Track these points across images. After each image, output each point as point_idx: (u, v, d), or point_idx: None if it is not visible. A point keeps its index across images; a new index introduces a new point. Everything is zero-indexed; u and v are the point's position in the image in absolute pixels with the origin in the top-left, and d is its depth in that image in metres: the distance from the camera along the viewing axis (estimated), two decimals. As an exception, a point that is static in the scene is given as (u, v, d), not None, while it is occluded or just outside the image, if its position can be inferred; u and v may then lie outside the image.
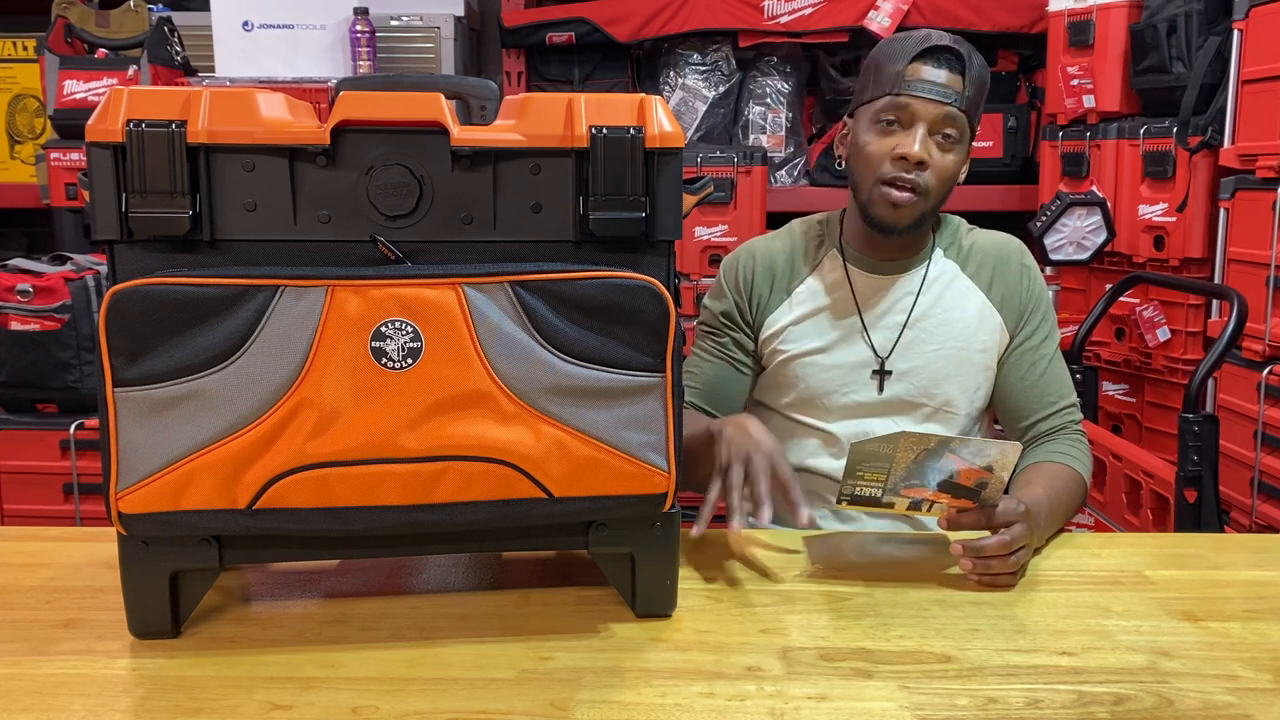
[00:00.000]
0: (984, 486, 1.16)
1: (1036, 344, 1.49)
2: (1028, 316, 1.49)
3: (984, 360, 1.47)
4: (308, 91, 2.89)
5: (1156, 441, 2.64)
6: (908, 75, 1.37)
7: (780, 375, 1.50)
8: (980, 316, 1.47)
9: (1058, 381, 1.49)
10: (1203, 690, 0.95)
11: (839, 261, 1.50)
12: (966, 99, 1.38)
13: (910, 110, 1.37)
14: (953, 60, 1.38)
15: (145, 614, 1.02)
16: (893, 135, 1.38)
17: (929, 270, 1.48)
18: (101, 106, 0.94)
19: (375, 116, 0.96)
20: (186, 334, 0.92)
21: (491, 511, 0.98)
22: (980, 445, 1.14)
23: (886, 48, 1.42)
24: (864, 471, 1.16)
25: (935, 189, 1.39)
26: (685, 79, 3.15)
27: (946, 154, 1.39)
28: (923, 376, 1.46)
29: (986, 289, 1.48)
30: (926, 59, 1.37)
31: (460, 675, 0.96)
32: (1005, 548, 1.15)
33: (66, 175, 2.91)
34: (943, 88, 1.36)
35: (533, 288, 0.96)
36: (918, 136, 1.36)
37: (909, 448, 1.14)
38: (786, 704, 0.92)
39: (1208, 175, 2.48)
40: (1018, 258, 1.51)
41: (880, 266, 1.48)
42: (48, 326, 2.54)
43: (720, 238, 2.93)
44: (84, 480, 2.60)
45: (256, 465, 0.94)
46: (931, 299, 1.47)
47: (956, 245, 1.51)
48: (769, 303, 1.51)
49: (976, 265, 1.49)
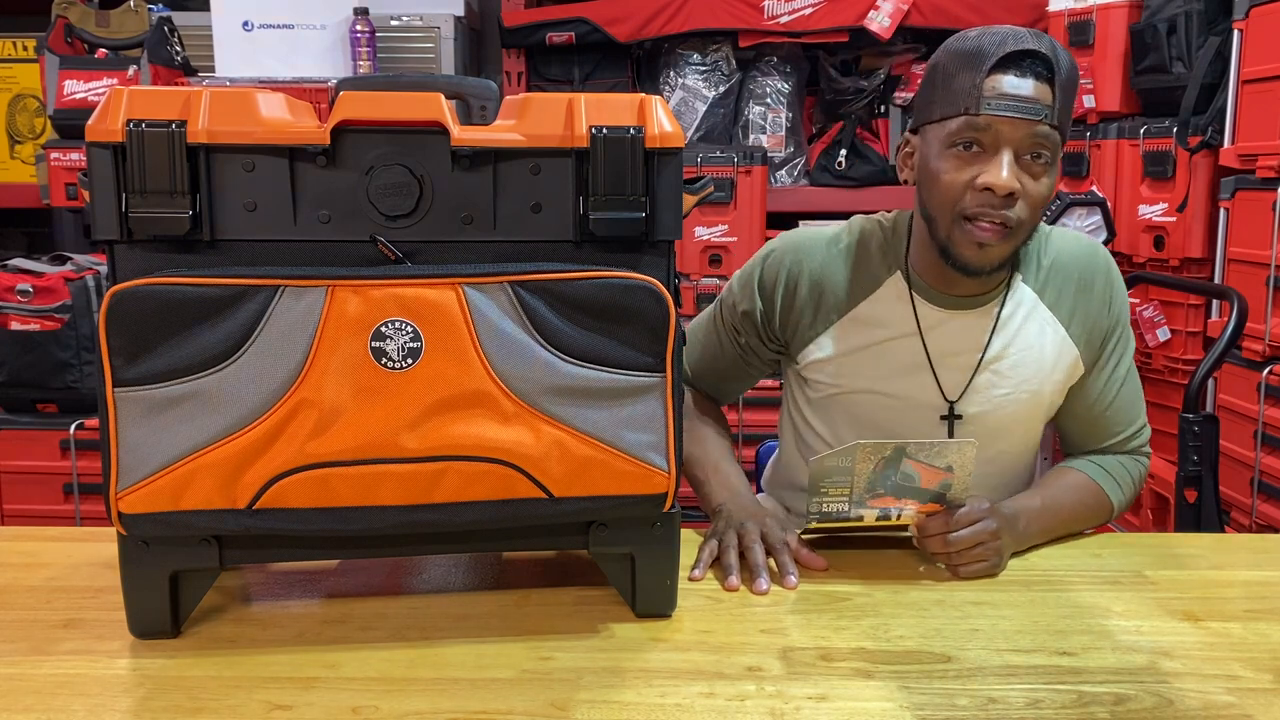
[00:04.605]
0: (948, 488, 1.17)
1: (1109, 371, 1.35)
2: (1106, 344, 1.34)
3: (1053, 400, 1.35)
4: (308, 91, 2.89)
5: (1156, 441, 2.62)
6: (986, 90, 1.15)
7: (831, 409, 1.37)
8: (1058, 355, 1.32)
9: (1128, 407, 1.37)
10: (1203, 690, 0.95)
11: (904, 289, 1.31)
12: (1058, 111, 1.16)
13: (993, 132, 1.16)
14: (1039, 66, 1.16)
15: (145, 614, 1.02)
16: (973, 163, 1.18)
17: (1005, 303, 1.30)
18: (101, 106, 0.94)
19: (375, 116, 0.96)
20: (186, 334, 0.92)
21: (491, 511, 0.98)
22: (938, 447, 1.14)
23: (957, 52, 1.19)
24: (827, 488, 1.17)
25: (1028, 220, 1.19)
26: (685, 79, 3.15)
27: (1039, 179, 1.18)
28: (989, 423, 1.32)
29: (1067, 322, 1.32)
30: (1008, 68, 1.16)
31: (460, 675, 0.96)
32: (966, 543, 1.16)
33: (66, 175, 2.91)
34: (1030, 103, 1.15)
35: (533, 288, 0.96)
36: (1005, 163, 1.16)
37: (866, 458, 1.14)
38: (786, 704, 0.92)
39: (1208, 175, 2.48)
40: (1103, 278, 1.33)
41: (953, 301, 1.30)
42: (48, 326, 2.54)
43: (720, 238, 2.93)
44: (84, 480, 2.60)
45: (256, 465, 0.94)
46: (1006, 338, 1.30)
47: (1036, 265, 1.32)
48: (813, 325, 1.33)
49: (1057, 292, 1.32)
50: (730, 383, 1.48)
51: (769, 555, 1.19)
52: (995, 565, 1.19)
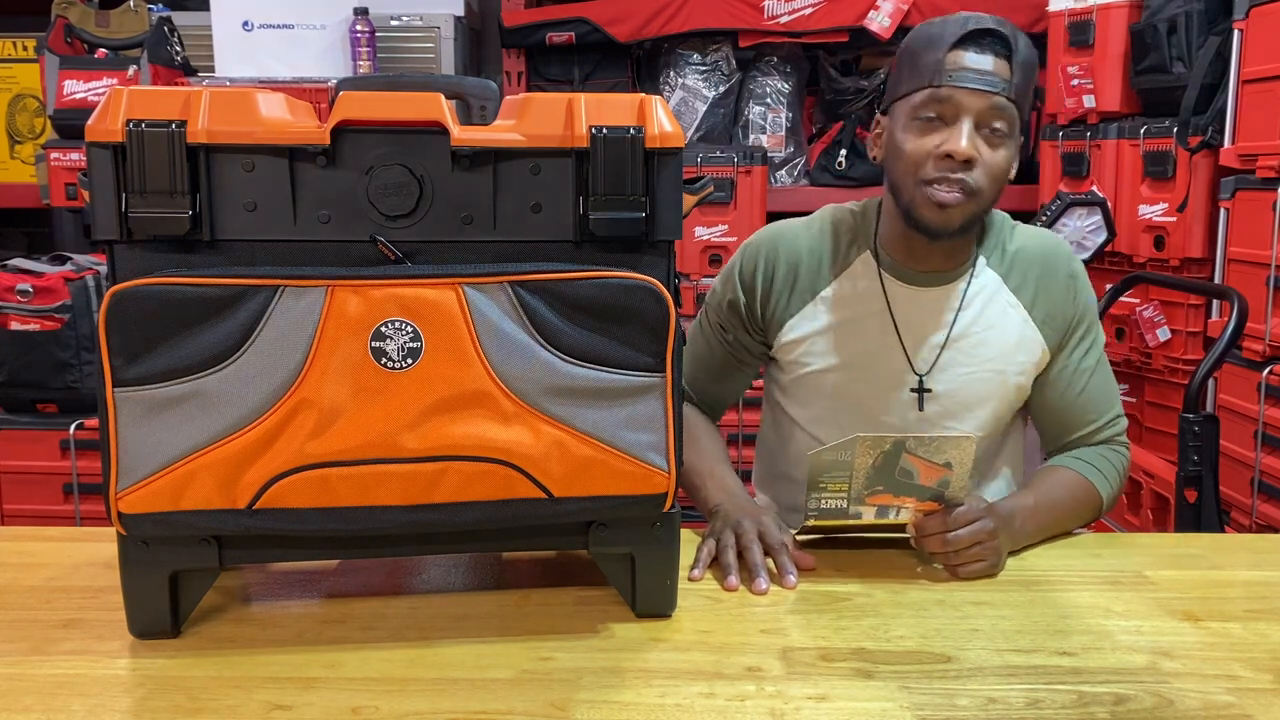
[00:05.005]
0: (946, 485, 1.16)
1: (1078, 361, 1.40)
2: (1071, 333, 1.40)
3: (1019, 382, 1.39)
4: (308, 91, 2.89)
5: (1157, 441, 2.64)
6: (948, 64, 1.25)
7: (804, 388, 1.42)
8: (1020, 336, 1.38)
9: (1100, 397, 1.41)
10: (1203, 690, 0.95)
11: (873, 267, 1.38)
12: (1015, 86, 1.26)
13: (954, 103, 1.25)
14: (997, 44, 1.26)
15: (145, 614, 1.02)
16: (935, 132, 1.27)
17: (970, 283, 1.37)
18: (101, 106, 0.94)
19: (375, 116, 0.96)
20: (186, 334, 0.92)
21: (491, 512, 0.98)
22: (937, 441, 1.14)
23: (922, 34, 1.30)
24: (826, 483, 1.16)
25: (987, 189, 1.27)
26: (685, 79, 3.15)
27: (997, 149, 1.27)
28: (956, 400, 1.37)
29: (1029, 305, 1.38)
30: (968, 44, 1.25)
31: (460, 675, 0.96)
32: (964, 542, 1.17)
33: (66, 175, 2.91)
34: (989, 75, 1.25)
35: (533, 288, 0.96)
36: (964, 131, 1.25)
37: (865, 451, 1.13)
38: (786, 704, 0.92)
39: (1208, 175, 2.48)
40: (1065, 268, 1.40)
41: (920, 278, 1.37)
42: (48, 326, 2.54)
43: (720, 238, 2.93)
44: (84, 480, 2.60)
45: (256, 465, 0.94)
46: (971, 316, 1.37)
47: (1000, 251, 1.39)
48: (788, 307, 1.40)
49: (1020, 277, 1.38)
50: (723, 384, 1.50)
51: (767, 555, 1.19)
52: (994, 565, 1.19)
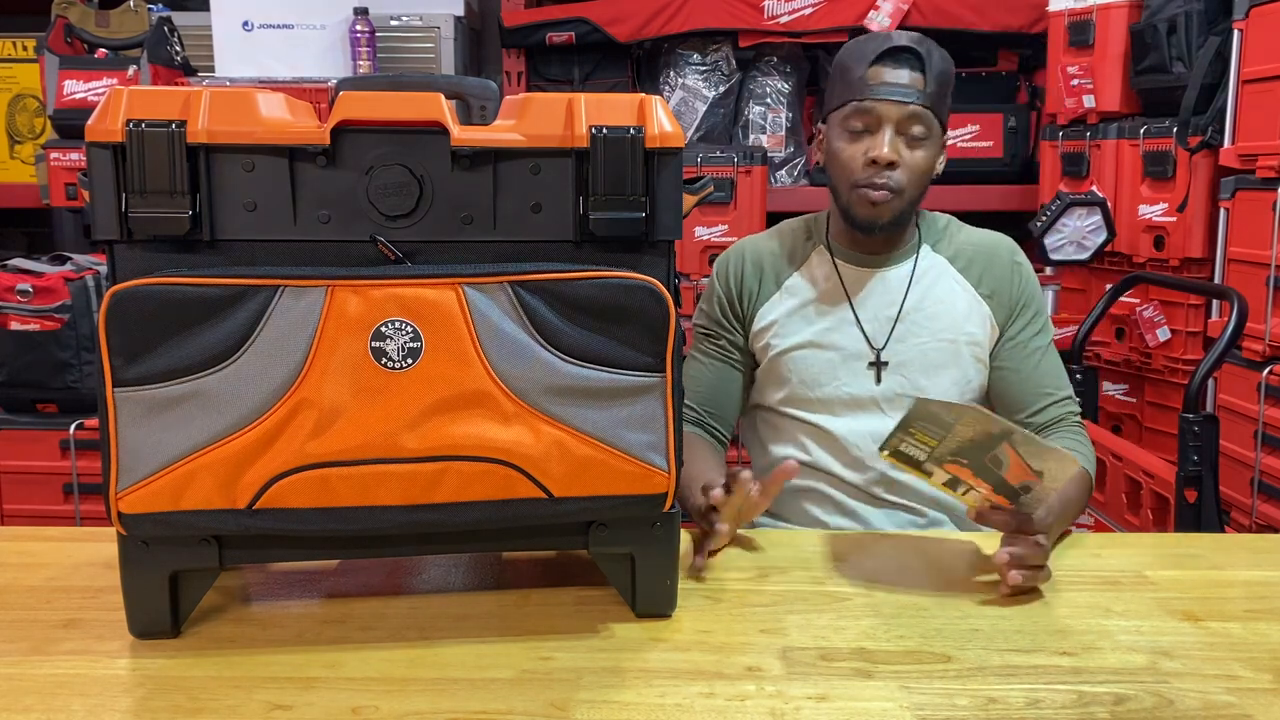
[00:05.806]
0: (1027, 491, 1.14)
1: (1028, 338, 1.50)
2: (1019, 311, 1.51)
3: (974, 353, 1.49)
4: (308, 91, 2.89)
5: (1157, 441, 2.64)
6: (869, 79, 1.40)
7: (774, 370, 1.52)
8: (969, 309, 1.49)
9: (1053, 374, 1.50)
10: (1203, 690, 0.95)
11: (827, 257, 1.53)
12: (930, 95, 1.41)
13: (875, 114, 1.40)
14: (912, 60, 1.40)
15: (145, 614, 1.02)
16: (862, 140, 1.42)
17: (917, 264, 1.51)
18: (101, 106, 0.94)
19: (375, 116, 0.96)
20: (186, 334, 0.92)
21: (491, 512, 0.98)
22: (1041, 449, 1.09)
23: (848, 53, 1.45)
24: (916, 430, 1.12)
25: (910, 185, 1.42)
26: (685, 79, 3.15)
27: (916, 151, 1.42)
28: (915, 369, 1.48)
29: (976, 283, 1.51)
30: (885, 61, 1.40)
31: (460, 675, 0.96)
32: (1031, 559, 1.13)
33: (66, 175, 2.91)
34: (904, 88, 1.39)
35: (533, 288, 0.96)
36: (885, 139, 1.40)
37: (972, 424, 1.09)
38: (786, 704, 0.92)
39: (1208, 175, 2.48)
40: (1008, 255, 1.53)
41: (868, 260, 1.51)
42: (47, 326, 2.54)
43: (720, 238, 2.93)
44: (84, 480, 2.60)
45: (256, 465, 0.94)
46: (921, 291, 1.50)
47: (946, 241, 1.54)
48: (759, 296, 1.53)
49: (966, 261, 1.52)
50: (721, 394, 1.55)
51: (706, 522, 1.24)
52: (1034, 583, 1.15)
